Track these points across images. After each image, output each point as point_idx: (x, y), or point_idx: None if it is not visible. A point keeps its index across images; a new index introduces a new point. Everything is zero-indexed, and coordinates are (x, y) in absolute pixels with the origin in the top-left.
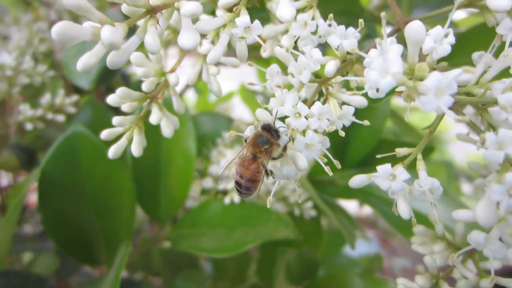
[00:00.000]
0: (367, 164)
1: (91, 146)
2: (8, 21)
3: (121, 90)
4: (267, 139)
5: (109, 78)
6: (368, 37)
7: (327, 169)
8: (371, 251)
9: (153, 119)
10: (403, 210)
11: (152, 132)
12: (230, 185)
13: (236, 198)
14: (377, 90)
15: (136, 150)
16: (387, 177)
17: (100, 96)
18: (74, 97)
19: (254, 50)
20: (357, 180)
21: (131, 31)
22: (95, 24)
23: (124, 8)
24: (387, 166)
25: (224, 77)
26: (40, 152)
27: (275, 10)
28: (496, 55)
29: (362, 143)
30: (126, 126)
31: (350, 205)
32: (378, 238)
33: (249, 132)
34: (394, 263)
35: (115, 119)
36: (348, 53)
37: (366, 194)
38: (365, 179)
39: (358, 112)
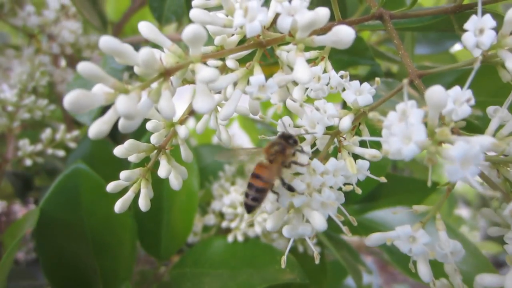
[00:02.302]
0: (371, 200)
1: (92, 183)
2: (9, 54)
3: (129, 143)
4: (280, 143)
5: None
6: (374, 75)
7: (345, 229)
8: (371, 281)
9: (162, 172)
10: (424, 272)
11: (154, 167)
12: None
13: (240, 236)
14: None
15: (143, 204)
16: (407, 239)
17: None
18: (75, 132)
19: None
20: (375, 238)
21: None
22: (108, 89)
23: (136, 69)
24: (407, 227)
25: None
26: (36, 177)
27: (285, 58)
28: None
29: (368, 179)
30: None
31: None
32: (377, 264)
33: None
34: None
35: (123, 174)
36: None
37: (370, 231)
38: (383, 237)
39: (363, 145)
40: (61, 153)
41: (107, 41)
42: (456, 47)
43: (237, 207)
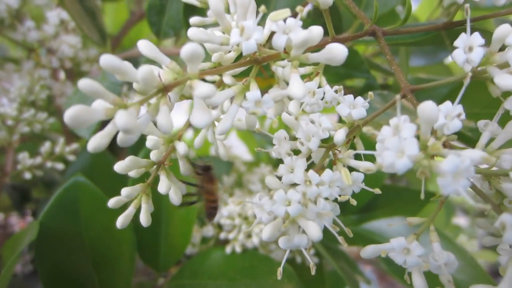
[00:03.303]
0: (369, 210)
1: (92, 196)
2: (9, 68)
3: (129, 159)
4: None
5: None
6: (369, 88)
7: (340, 239)
8: None
9: (162, 188)
10: (418, 284)
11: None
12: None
13: (238, 247)
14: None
15: (144, 219)
16: (401, 251)
17: None
18: (74, 146)
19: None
20: (370, 251)
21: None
22: (108, 105)
23: (135, 85)
24: (401, 239)
25: None
26: (33, 189)
27: (280, 74)
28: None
29: (364, 191)
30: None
31: None
32: (376, 274)
33: None
34: None
35: (124, 191)
36: None
37: (367, 241)
38: (377, 249)
39: (358, 158)
40: (60, 166)
41: (107, 60)
42: (450, 59)
43: (235, 218)
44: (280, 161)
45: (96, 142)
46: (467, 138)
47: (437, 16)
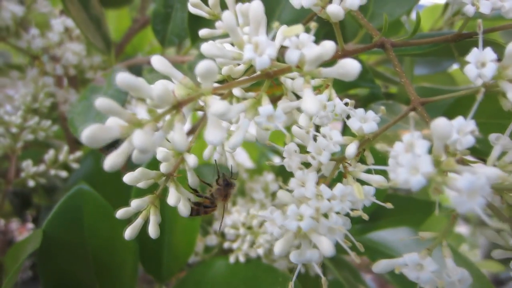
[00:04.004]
0: (373, 220)
1: (95, 204)
2: (13, 76)
3: (139, 171)
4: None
5: None
6: (374, 97)
7: (353, 255)
8: None
9: (171, 200)
10: None
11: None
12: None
13: (242, 257)
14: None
15: (153, 231)
16: (414, 267)
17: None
18: (78, 153)
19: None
20: (382, 266)
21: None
22: (122, 122)
23: (149, 102)
24: (414, 255)
25: None
26: (34, 195)
27: (290, 85)
28: None
29: None
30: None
31: None
32: (376, 282)
33: None
34: None
35: (134, 203)
36: None
37: (374, 253)
38: (390, 264)
39: (368, 171)
40: (64, 174)
41: (123, 78)
42: (454, 67)
43: (240, 228)
44: (283, 168)
45: (112, 161)
46: (475, 149)
47: (440, 26)
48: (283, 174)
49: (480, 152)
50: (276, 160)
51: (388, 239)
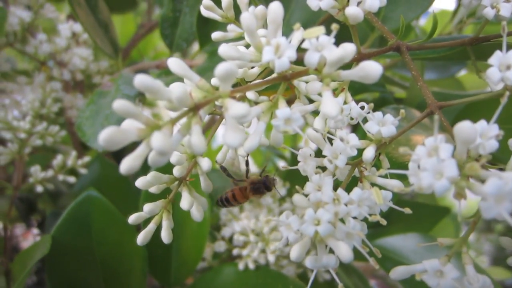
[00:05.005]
0: (381, 225)
1: (104, 210)
2: (21, 81)
3: (152, 175)
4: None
5: None
6: (384, 102)
7: (371, 260)
8: None
9: (184, 204)
10: None
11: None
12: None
13: (251, 264)
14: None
15: (166, 236)
16: (434, 273)
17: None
18: (86, 159)
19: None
20: (401, 272)
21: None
22: (139, 125)
23: (166, 104)
24: (435, 262)
25: None
26: (39, 200)
27: (303, 89)
28: None
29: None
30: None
31: None
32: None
33: None
34: None
35: (147, 207)
36: None
37: (384, 259)
38: (409, 270)
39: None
40: (72, 179)
41: (142, 80)
42: (463, 72)
43: (249, 234)
44: (290, 173)
45: (129, 164)
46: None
47: (449, 31)
48: (290, 179)
49: (495, 157)
50: (281, 164)
51: (397, 244)
